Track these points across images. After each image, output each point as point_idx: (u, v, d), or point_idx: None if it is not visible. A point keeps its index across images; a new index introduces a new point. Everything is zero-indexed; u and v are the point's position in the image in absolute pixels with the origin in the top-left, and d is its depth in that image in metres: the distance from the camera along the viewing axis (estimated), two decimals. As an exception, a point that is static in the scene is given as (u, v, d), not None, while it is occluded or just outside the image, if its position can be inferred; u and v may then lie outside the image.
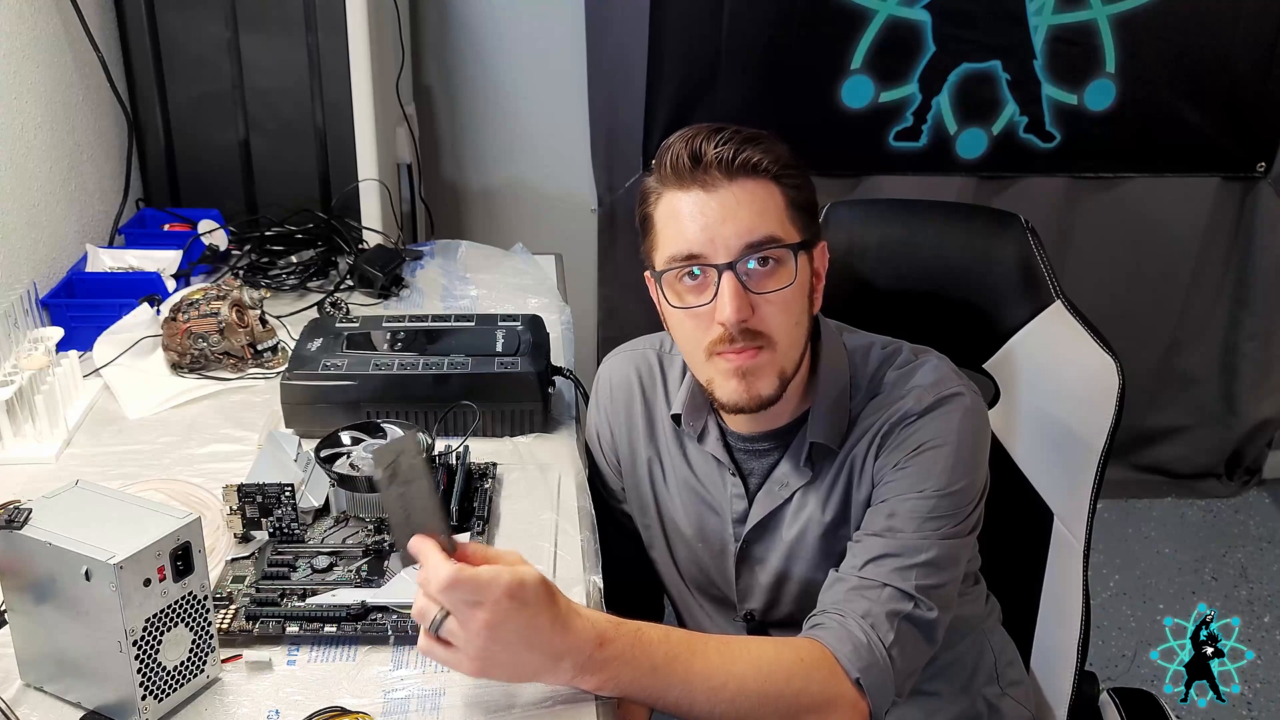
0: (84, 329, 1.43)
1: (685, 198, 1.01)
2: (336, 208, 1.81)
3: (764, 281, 1.01)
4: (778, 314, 1.01)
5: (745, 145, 1.00)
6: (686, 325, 1.04)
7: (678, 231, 1.01)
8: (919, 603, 1.00)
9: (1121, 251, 2.56)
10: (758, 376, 1.03)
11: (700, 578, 1.22)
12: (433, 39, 2.39)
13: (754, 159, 1.00)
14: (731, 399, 1.04)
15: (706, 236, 0.99)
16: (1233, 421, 2.77)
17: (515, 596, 0.81)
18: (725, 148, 0.99)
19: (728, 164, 0.99)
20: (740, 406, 1.04)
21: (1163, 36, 2.32)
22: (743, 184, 1.00)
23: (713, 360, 1.03)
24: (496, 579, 0.81)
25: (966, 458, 1.05)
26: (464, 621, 0.81)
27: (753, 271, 1.00)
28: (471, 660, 0.83)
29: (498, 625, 0.81)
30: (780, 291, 1.01)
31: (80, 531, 0.80)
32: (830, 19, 2.28)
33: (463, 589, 0.80)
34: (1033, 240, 1.29)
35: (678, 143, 1.01)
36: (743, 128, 1.02)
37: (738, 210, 0.99)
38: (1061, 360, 1.24)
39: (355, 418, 1.20)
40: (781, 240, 1.00)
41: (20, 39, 1.51)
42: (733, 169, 0.99)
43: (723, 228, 0.99)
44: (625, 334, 1.24)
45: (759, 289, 1.00)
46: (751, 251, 0.99)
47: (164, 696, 0.84)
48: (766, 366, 1.03)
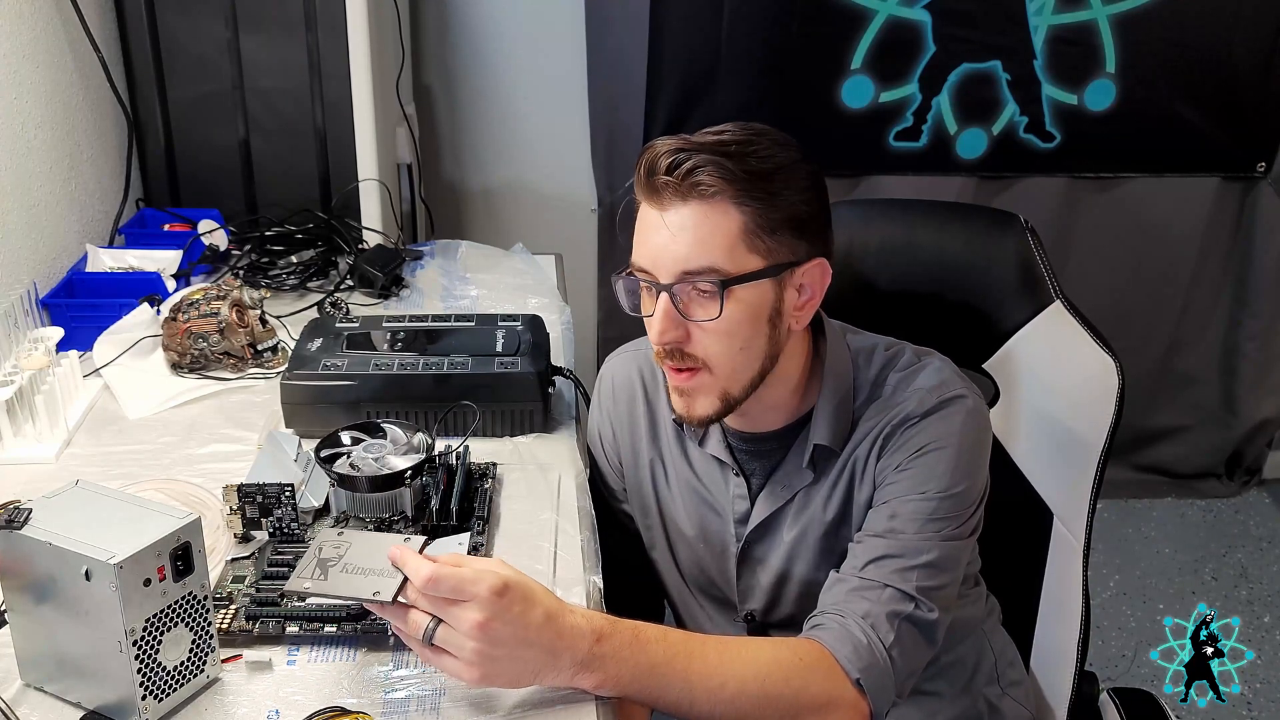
0: (84, 329, 1.43)
1: (647, 210, 1.01)
2: (336, 208, 1.81)
3: (696, 310, 1.00)
4: (713, 342, 1.01)
5: (701, 167, 0.95)
6: (647, 328, 1.05)
7: (639, 242, 1.02)
8: (920, 604, 1.00)
9: (1121, 251, 2.56)
10: (693, 397, 1.04)
11: (701, 578, 1.22)
12: (433, 39, 2.39)
13: (703, 183, 0.95)
14: (675, 410, 1.08)
15: (652, 256, 0.99)
16: (1233, 421, 2.77)
17: (502, 594, 0.81)
18: (679, 169, 0.95)
19: (675, 186, 0.97)
20: (681, 420, 1.08)
21: (1163, 36, 2.32)
22: (694, 206, 0.97)
23: (661, 366, 1.06)
24: (478, 578, 0.81)
25: (968, 460, 1.05)
26: (455, 624, 0.82)
27: (692, 297, 0.99)
28: (470, 666, 0.83)
29: (489, 625, 0.81)
30: (711, 322, 0.99)
31: (80, 531, 0.80)
32: (830, 19, 2.28)
33: (444, 584, 0.81)
34: (1033, 240, 1.29)
35: (648, 152, 0.99)
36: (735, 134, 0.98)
37: (680, 234, 0.97)
38: (1061, 360, 1.24)
39: (355, 418, 1.20)
40: (722, 270, 0.97)
41: (20, 39, 1.51)
42: (683, 190, 0.97)
43: (665, 250, 0.98)
44: (625, 334, 1.24)
45: (690, 316, 1.00)
46: (687, 278, 0.98)
47: (164, 696, 0.84)
48: (704, 389, 1.03)
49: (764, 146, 0.99)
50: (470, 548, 1.03)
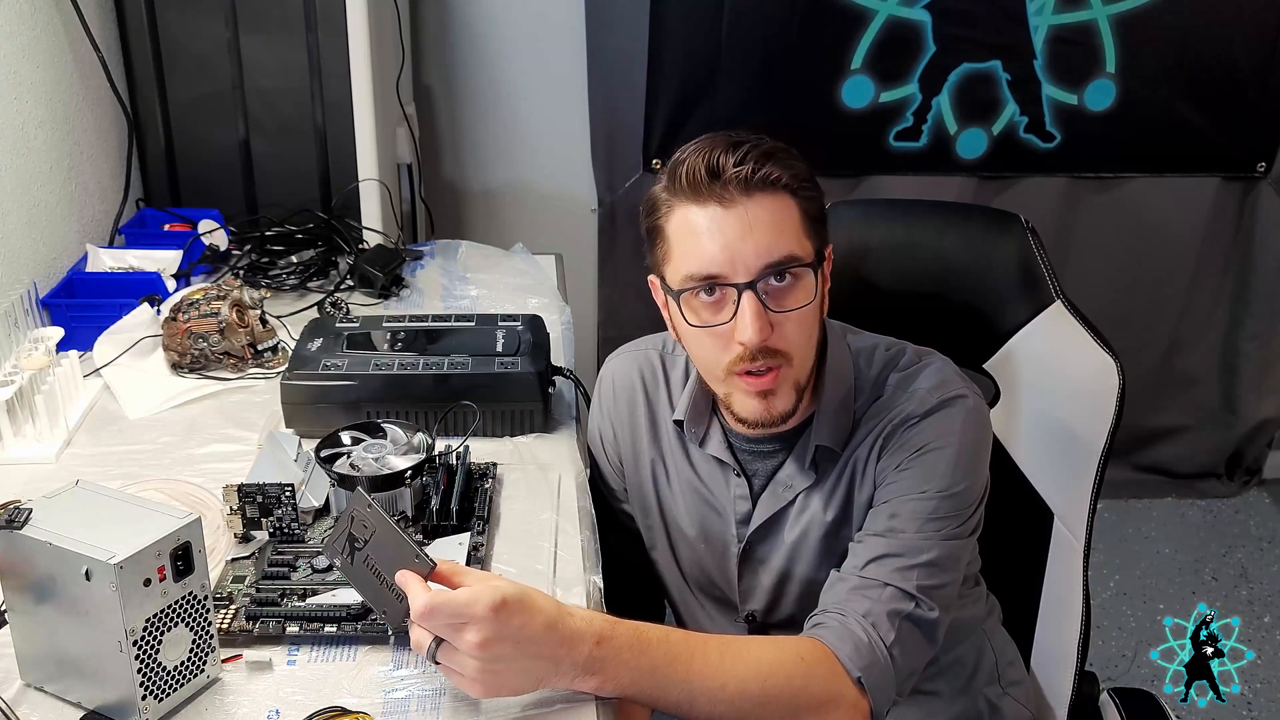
0: (84, 329, 1.43)
1: (701, 213, 0.99)
2: (336, 208, 1.81)
3: (784, 300, 1.00)
4: (796, 331, 1.01)
5: (764, 161, 0.98)
6: (705, 343, 1.03)
7: (695, 249, 1.00)
8: (920, 603, 1.00)
9: (1121, 251, 2.56)
10: (777, 395, 1.03)
11: (702, 579, 1.22)
12: (433, 39, 2.39)
13: (773, 175, 0.98)
14: (752, 416, 1.05)
15: (726, 256, 0.98)
16: (1233, 421, 2.77)
17: (499, 611, 0.81)
18: (745, 164, 0.97)
19: (746, 180, 0.97)
20: (760, 423, 1.05)
21: (1163, 36, 2.32)
22: (760, 200, 0.98)
23: (732, 378, 1.03)
24: (475, 600, 0.81)
25: (968, 460, 1.05)
26: (455, 644, 0.82)
27: (772, 289, 0.99)
28: (474, 682, 0.83)
29: (489, 643, 0.81)
30: (801, 310, 1.00)
31: (80, 531, 0.80)
32: (830, 19, 2.28)
33: (441, 614, 0.81)
34: (1033, 240, 1.29)
35: (693, 156, 0.99)
36: (760, 139, 1.01)
37: (756, 228, 0.98)
38: (1062, 360, 1.24)
39: (355, 418, 1.20)
40: (800, 257, 1.00)
41: (20, 39, 1.51)
42: (751, 184, 0.98)
43: (742, 246, 0.98)
44: (625, 334, 1.24)
45: (779, 307, 1.00)
46: (771, 270, 0.98)
47: (164, 696, 0.84)
48: (784, 383, 1.03)
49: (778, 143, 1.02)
50: (470, 548, 1.03)
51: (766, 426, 1.06)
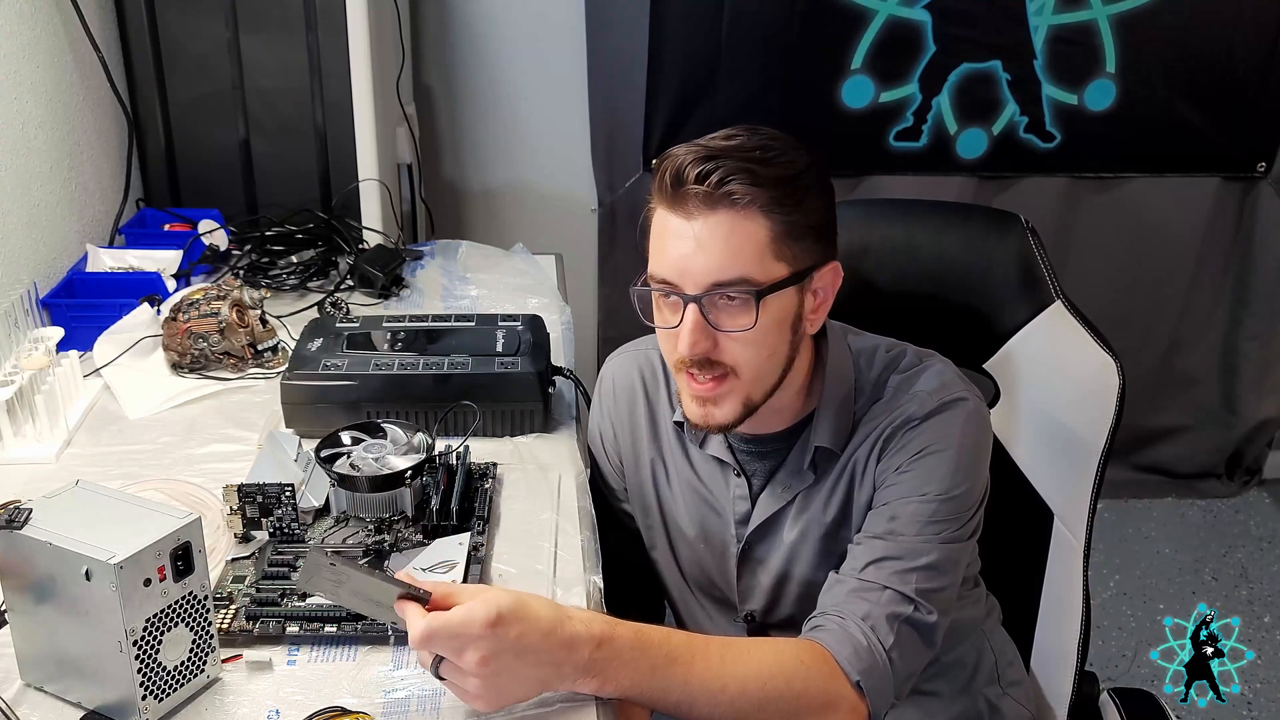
0: (84, 329, 1.43)
1: (670, 218, 0.99)
2: (336, 208, 1.81)
3: (726, 320, 0.99)
4: (742, 349, 1.00)
5: (732, 175, 0.94)
6: (662, 338, 1.05)
7: (659, 252, 1.00)
8: (919, 606, 1.00)
9: (1121, 251, 2.56)
10: (717, 404, 1.03)
11: (702, 578, 1.22)
12: (433, 39, 2.39)
13: (735, 193, 0.94)
14: (691, 419, 1.06)
15: (679, 267, 0.98)
16: (1233, 421, 2.77)
17: (496, 626, 0.81)
18: (709, 179, 0.94)
19: (706, 195, 0.95)
20: (698, 428, 1.06)
21: (1163, 36, 2.32)
22: (722, 217, 0.95)
23: (680, 376, 1.05)
24: (470, 619, 0.80)
25: (968, 463, 1.05)
26: (457, 662, 0.82)
27: (720, 306, 0.98)
28: (480, 698, 0.83)
29: (491, 658, 0.81)
30: (744, 332, 0.98)
31: (80, 531, 0.80)
32: (830, 19, 2.28)
33: (439, 639, 0.81)
34: (1033, 240, 1.29)
35: (671, 159, 0.98)
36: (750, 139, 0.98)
37: (710, 245, 0.96)
38: (1062, 360, 1.24)
39: (355, 418, 1.20)
40: (754, 281, 0.97)
41: (20, 39, 1.51)
42: (713, 200, 0.95)
43: (693, 260, 0.97)
44: (625, 334, 1.24)
45: (721, 326, 0.99)
46: (718, 289, 0.97)
47: (164, 696, 0.84)
48: (728, 395, 1.03)
49: (783, 151, 0.98)
50: (470, 548, 1.03)
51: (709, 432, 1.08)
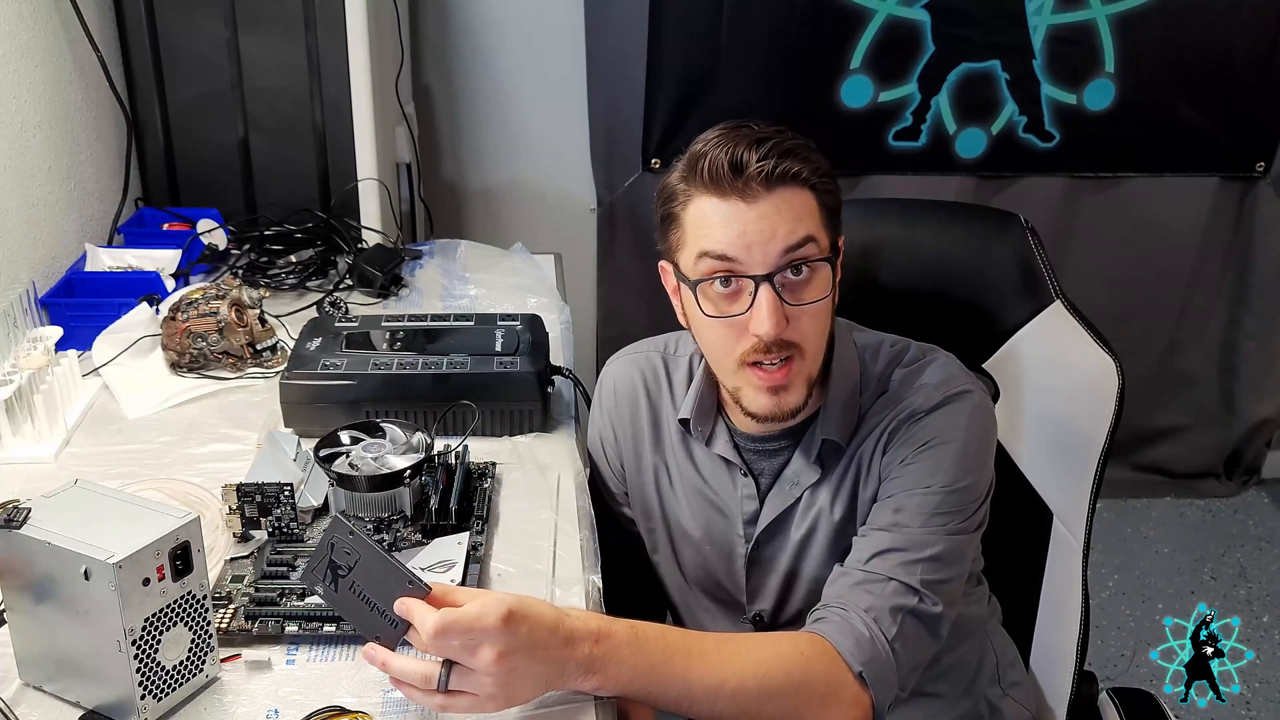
0: (83, 328, 1.43)
1: (721, 205, 0.99)
2: (336, 207, 1.81)
3: (800, 293, 1.00)
4: (811, 324, 1.01)
5: (786, 157, 0.98)
6: (718, 333, 1.03)
7: (712, 237, 1.00)
8: (924, 597, 1.00)
9: (1121, 251, 2.56)
10: (789, 390, 1.03)
11: (706, 581, 1.21)
12: (433, 39, 2.39)
13: (794, 169, 0.99)
14: (762, 411, 1.04)
15: (744, 244, 0.98)
16: (1232, 421, 2.77)
17: (510, 621, 0.80)
18: (768, 160, 0.98)
19: (769, 175, 0.98)
20: (770, 418, 1.05)
21: (1163, 36, 2.32)
22: (781, 194, 0.99)
23: (743, 371, 1.03)
24: (484, 612, 0.80)
25: (973, 454, 1.05)
26: (471, 664, 0.80)
27: (789, 282, 1.00)
28: (492, 699, 0.82)
29: (507, 655, 0.80)
30: (817, 303, 1.00)
31: (79, 531, 0.80)
32: (830, 18, 2.28)
33: (454, 632, 0.79)
34: (1032, 240, 1.29)
35: (716, 149, 0.99)
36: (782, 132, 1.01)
37: (776, 219, 0.98)
38: (1061, 360, 1.24)
39: (355, 417, 1.20)
40: (818, 244, 1.00)
41: (20, 39, 1.51)
42: (773, 179, 0.98)
43: (761, 238, 0.98)
44: (625, 334, 1.24)
45: (795, 300, 1.00)
46: (789, 255, 0.98)
47: (163, 696, 0.84)
48: (797, 377, 1.03)
49: (798, 137, 1.02)
50: (469, 547, 1.03)
51: (776, 421, 1.05)
